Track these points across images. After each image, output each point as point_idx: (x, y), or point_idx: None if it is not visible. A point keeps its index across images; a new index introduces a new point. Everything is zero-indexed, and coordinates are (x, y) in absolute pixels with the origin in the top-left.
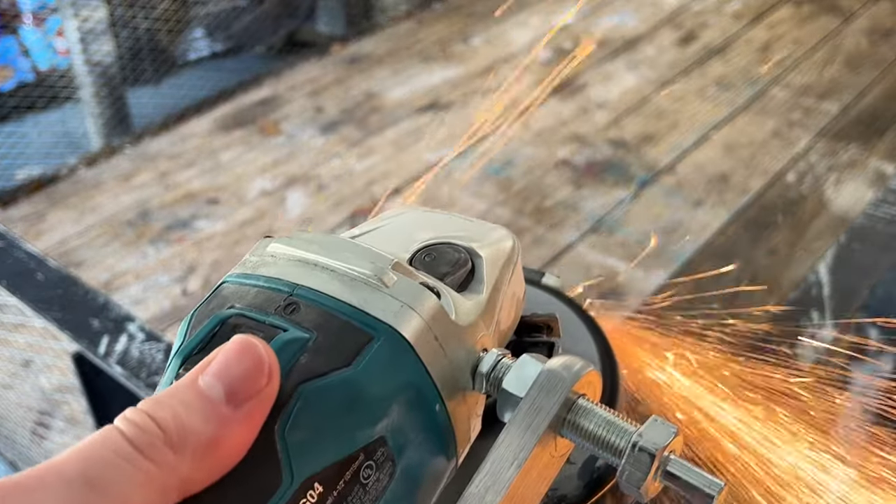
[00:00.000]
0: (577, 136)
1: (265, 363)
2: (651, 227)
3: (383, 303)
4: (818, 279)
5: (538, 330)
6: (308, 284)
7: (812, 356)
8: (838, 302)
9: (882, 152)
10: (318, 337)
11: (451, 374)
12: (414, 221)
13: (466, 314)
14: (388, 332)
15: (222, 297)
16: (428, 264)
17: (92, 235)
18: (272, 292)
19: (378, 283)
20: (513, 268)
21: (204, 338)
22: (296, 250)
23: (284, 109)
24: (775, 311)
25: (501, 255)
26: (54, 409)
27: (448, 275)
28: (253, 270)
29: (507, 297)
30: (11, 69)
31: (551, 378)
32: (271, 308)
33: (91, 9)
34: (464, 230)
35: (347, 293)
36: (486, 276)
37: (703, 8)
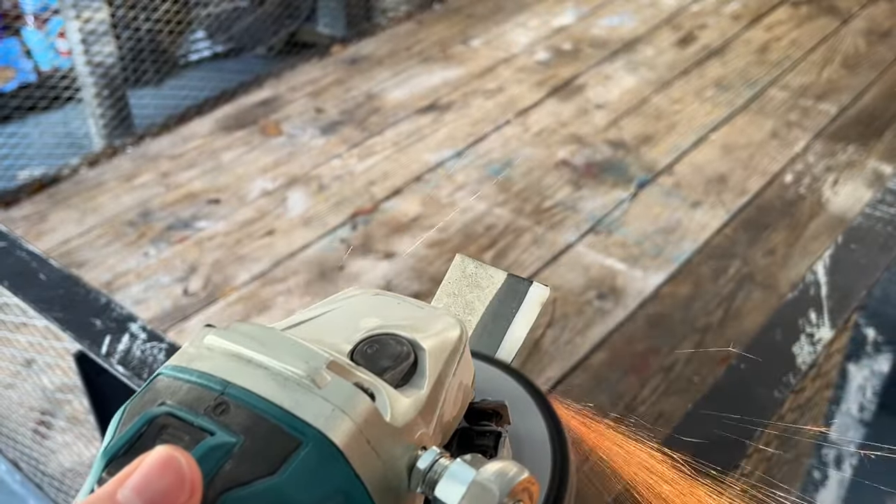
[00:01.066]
0: (576, 137)
1: (186, 478)
2: (650, 227)
3: (315, 406)
4: (816, 279)
5: (488, 417)
6: (240, 383)
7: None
8: (836, 302)
9: (880, 153)
10: (246, 441)
11: (385, 478)
12: (362, 307)
13: (404, 414)
14: (318, 437)
15: (155, 391)
16: (369, 357)
17: (93, 235)
18: (203, 389)
19: (311, 383)
20: (459, 357)
21: (131, 438)
22: (231, 344)
23: (285, 110)
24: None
25: (447, 346)
26: (56, 408)
27: (389, 370)
28: (188, 363)
29: (452, 389)
30: (13, 70)
31: (482, 489)
32: (201, 408)
33: (93, 10)
34: (410, 318)
35: (279, 394)
36: (428, 370)
37: (702, 9)
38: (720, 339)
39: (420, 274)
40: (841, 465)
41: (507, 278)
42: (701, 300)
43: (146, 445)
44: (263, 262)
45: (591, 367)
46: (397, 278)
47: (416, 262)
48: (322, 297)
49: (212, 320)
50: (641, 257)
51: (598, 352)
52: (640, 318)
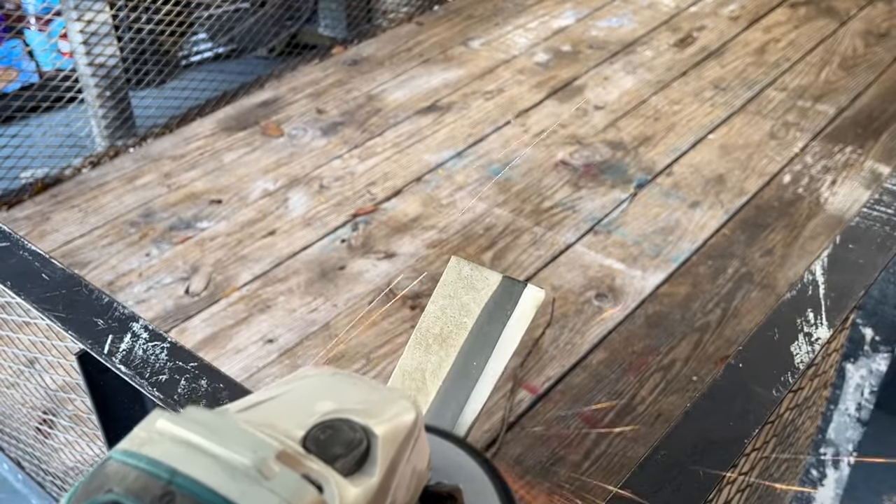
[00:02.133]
0: (575, 138)
1: None
2: (649, 227)
3: (261, 498)
4: (814, 279)
5: (442, 500)
6: (187, 472)
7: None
8: (834, 301)
9: (877, 153)
10: None
11: None
12: (317, 389)
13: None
14: None
15: (104, 475)
16: (321, 444)
17: (96, 236)
18: (151, 478)
19: (258, 474)
20: (413, 442)
21: None
22: (182, 431)
23: (286, 111)
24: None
25: (400, 431)
26: (59, 407)
27: (340, 457)
28: (138, 448)
29: (405, 475)
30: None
31: None
32: (147, 497)
33: (95, 11)
34: (365, 402)
35: (226, 485)
36: (379, 458)
37: (700, 11)
38: (719, 339)
39: (420, 274)
40: (839, 464)
41: (502, 280)
42: (699, 300)
43: None
44: (264, 262)
45: (590, 366)
46: (397, 278)
47: (417, 261)
48: (323, 296)
49: (213, 320)
50: (640, 257)
51: (596, 351)
52: (639, 317)
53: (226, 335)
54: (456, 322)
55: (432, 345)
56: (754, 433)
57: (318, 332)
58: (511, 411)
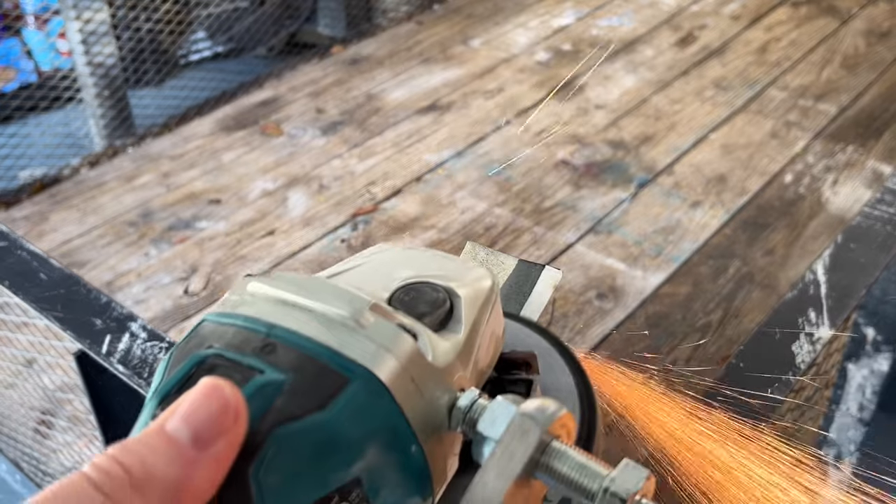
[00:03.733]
0: (576, 137)
1: (231, 404)
2: (650, 227)
3: (360, 345)
4: (815, 278)
5: (517, 367)
6: (285, 325)
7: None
8: (835, 301)
9: (879, 153)
10: (294, 379)
11: (427, 415)
12: (394, 260)
13: (443, 355)
14: (365, 374)
15: (201, 336)
16: (406, 304)
17: (94, 236)
18: (250, 332)
19: (355, 324)
20: (491, 307)
21: (181, 378)
22: (275, 290)
23: (285, 110)
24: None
25: (480, 294)
26: (57, 408)
27: (426, 315)
28: (232, 309)
29: (486, 337)
30: (14, 70)
31: (524, 422)
32: (248, 348)
33: (93, 10)
34: (443, 269)
35: (324, 335)
36: (464, 316)
37: (702, 9)
38: (720, 339)
39: None
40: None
41: (518, 264)
42: (700, 300)
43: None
44: (264, 262)
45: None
46: None
47: None
48: None
49: None
50: (641, 257)
51: (597, 351)
52: (639, 317)
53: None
54: None
55: None
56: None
57: None
58: None
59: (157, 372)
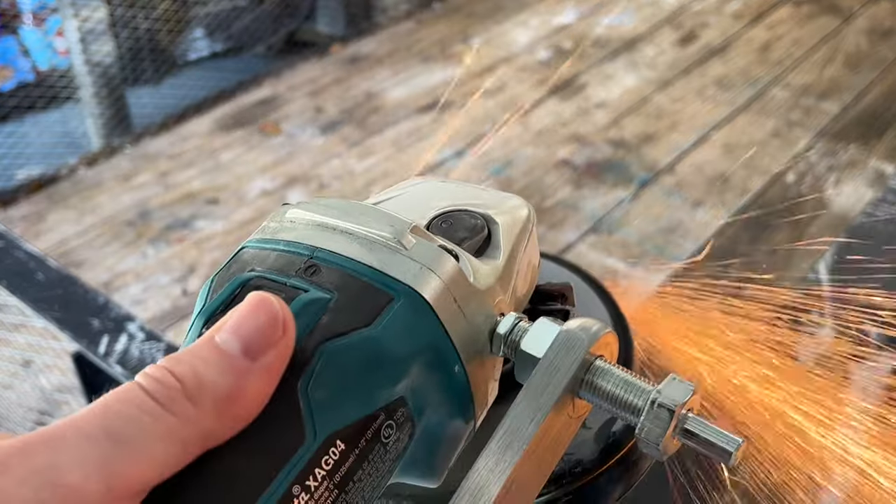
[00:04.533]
0: (577, 136)
1: (279, 316)
2: (651, 226)
3: (403, 265)
4: (818, 279)
5: (553, 298)
6: (328, 247)
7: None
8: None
9: (882, 152)
10: (339, 297)
11: (469, 337)
12: (430, 190)
13: (484, 278)
14: (409, 292)
15: (242, 261)
16: (445, 230)
17: (92, 235)
18: (292, 255)
19: (397, 245)
20: (528, 236)
21: (226, 299)
22: (315, 215)
23: (284, 109)
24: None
25: (517, 222)
26: (54, 408)
27: (465, 240)
28: (273, 235)
29: (523, 265)
30: (11, 69)
31: (569, 339)
32: (292, 270)
33: (91, 9)
34: (480, 199)
35: (367, 255)
36: (502, 243)
37: (703, 8)
38: None
39: None
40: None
41: None
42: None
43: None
44: None
45: None
46: None
47: None
48: None
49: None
50: (642, 257)
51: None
52: None
53: None
54: None
55: None
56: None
57: None
58: None
59: (199, 297)
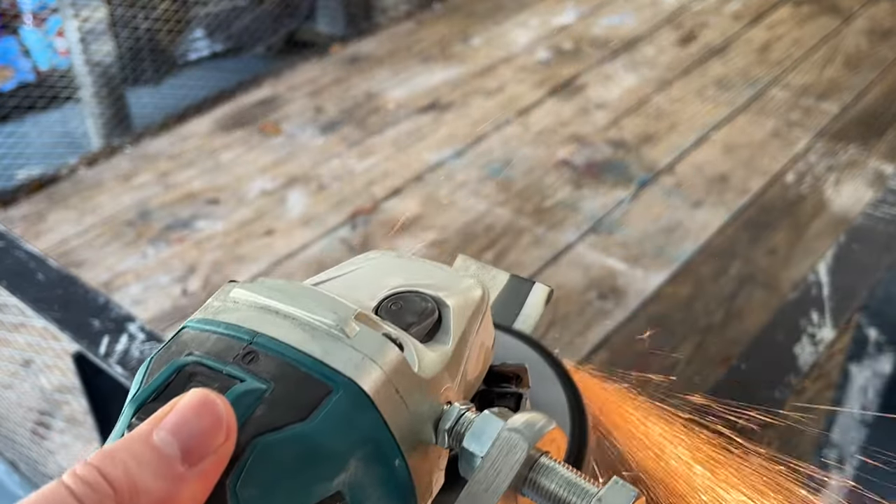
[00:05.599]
0: (576, 137)
1: (223, 421)
2: (651, 227)
3: (344, 354)
4: (818, 279)
5: (507, 380)
6: (268, 333)
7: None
8: (838, 302)
9: (881, 152)
10: (276, 388)
11: (412, 428)
12: (383, 268)
13: (430, 366)
14: (348, 385)
15: (181, 342)
16: (394, 313)
17: (92, 235)
18: (231, 340)
19: (340, 333)
20: (481, 318)
21: (160, 386)
22: (258, 297)
23: (284, 109)
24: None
25: (470, 304)
26: (54, 408)
27: (414, 325)
28: (214, 316)
29: (475, 348)
30: (12, 69)
31: (511, 438)
32: (230, 356)
33: (91, 9)
34: (433, 278)
35: (308, 343)
36: (452, 327)
37: (703, 8)
38: (721, 339)
39: None
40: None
41: (509, 279)
42: (702, 300)
43: (176, 392)
44: (262, 261)
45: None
46: None
47: None
48: None
49: None
50: (642, 257)
51: (598, 352)
52: (640, 318)
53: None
54: None
55: None
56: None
57: None
58: None
59: (136, 379)
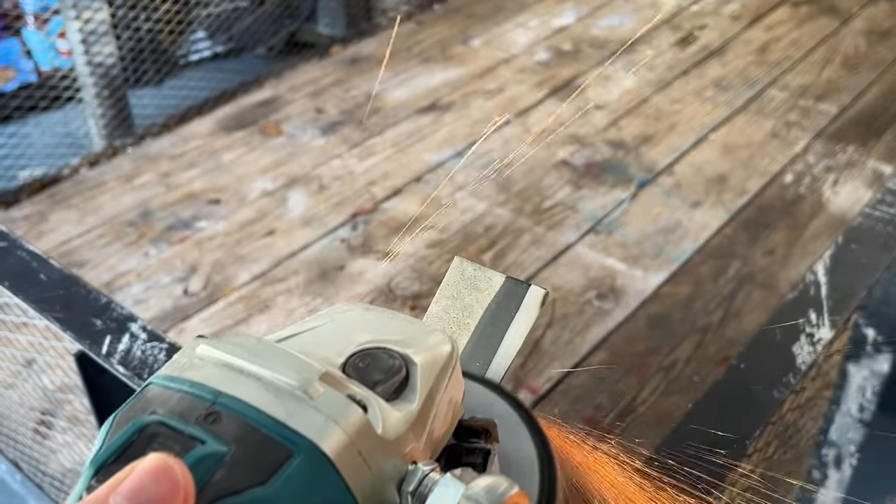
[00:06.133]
0: (576, 137)
1: (181, 487)
2: (650, 227)
3: (307, 416)
4: (816, 279)
5: (477, 434)
6: (232, 393)
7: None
8: (836, 302)
9: (880, 153)
10: (237, 451)
11: (374, 490)
12: (354, 321)
13: (395, 426)
14: (310, 448)
15: (146, 400)
16: (361, 370)
17: (94, 236)
18: (195, 399)
19: (303, 394)
20: (450, 373)
21: (121, 446)
22: (223, 354)
23: (285, 110)
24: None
25: (438, 361)
26: (56, 408)
27: (380, 383)
28: (179, 373)
29: (443, 405)
30: (14, 70)
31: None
32: (192, 416)
33: (93, 10)
34: (401, 333)
35: (271, 404)
36: (419, 385)
37: (702, 9)
38: (720, 339)
39: (420, 274)
40: (841, 465)
41: (505, 281)
42: (701, 300)
43: (137, 454)
44: (264, 262)
45: (591, 367)
46: (397, 278)
47: (416, 262)
48: (322, 296)
49: (212, 320)
50: (641, 257)
51: (597, 352)
52: (640, 318)
53: (225, 336)
54: (459, 323)
55: None
56: (756, 434)
57: None
58: None
59: (100, 434)
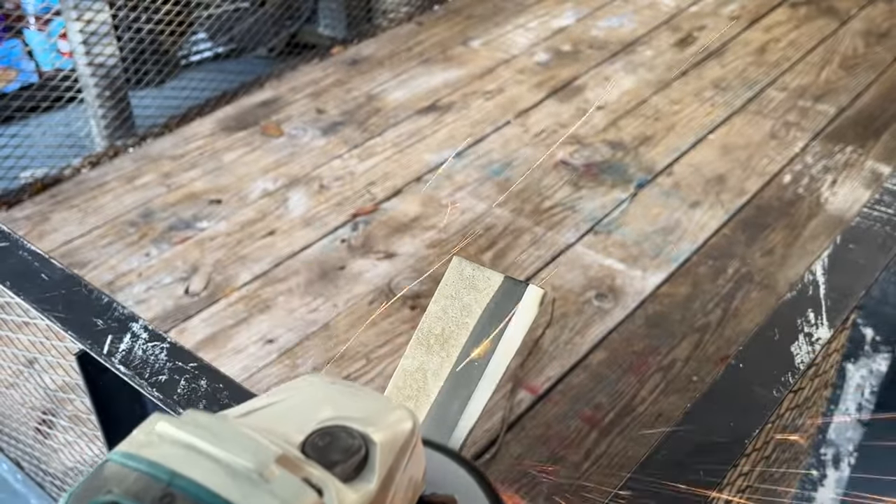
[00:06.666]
0: (575, 138)
1: None
2: (649, 227)
3: (261, 500)
4: (814, 279)
5: None
6: (187, 474)
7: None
8: (835, 302)
9: (878, 153)
10: None
11: None
12: (315, 397)
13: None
14: None
15: (103, 478)
16: (320, 450)
17: (95, 236)
18: (151, 479)
19: (259, 477)
20: (410, 451)
21: None
22: (182, 433)
23: (286, 111)
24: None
25: (398, 439)
26: (58, 407)
27: (339, 463)
28: (137, 451)
29: (402, 483)
30: (15, 71)
31: None
32: (147, 498)
33: (94, 11)
34: (364, 410)
35: (226, 487)
36: (378, 465)
37: (701, 10)
38: (719, 339)
39: (420, 274)
40: (839, 464)
41: (503, 281)
42: (700, 300)
43: None
44: (264, 262)
45: (591, 366)
46: (397, 278)
47: (416, 261)
48: (323, 296)
49: (213, 320)
50: (640, 257)
51: (597, 351)
52: (639, 317)
53: (225, 335)
54: (458, 322)
55: (434, 345)
56: (755, 433)
57: (318, 333)
58: (511, 411)
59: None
